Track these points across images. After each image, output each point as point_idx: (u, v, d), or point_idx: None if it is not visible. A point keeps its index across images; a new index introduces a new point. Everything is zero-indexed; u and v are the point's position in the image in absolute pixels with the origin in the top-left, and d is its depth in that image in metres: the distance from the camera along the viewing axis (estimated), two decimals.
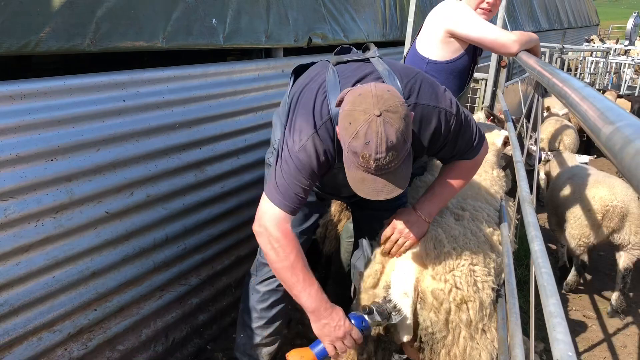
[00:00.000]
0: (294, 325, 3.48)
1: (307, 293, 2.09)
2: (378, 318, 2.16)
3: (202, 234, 3.20)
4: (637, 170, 0.67)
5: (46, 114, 2.27)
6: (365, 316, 2.15)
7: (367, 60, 2.23)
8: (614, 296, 4.62)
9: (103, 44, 2.44)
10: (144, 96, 2.71)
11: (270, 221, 2.09)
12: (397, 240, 2.32)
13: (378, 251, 2.41)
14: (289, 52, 3.89)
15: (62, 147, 2.33)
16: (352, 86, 2.08)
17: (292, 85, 2.44)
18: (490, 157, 3.44)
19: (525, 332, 2.10)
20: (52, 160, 2.30)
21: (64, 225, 2.38)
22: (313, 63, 2.44)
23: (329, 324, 2.09)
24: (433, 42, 3.12)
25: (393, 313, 2.21)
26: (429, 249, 2.29)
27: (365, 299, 2.40)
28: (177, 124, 2.91)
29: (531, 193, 2.30)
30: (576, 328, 4.41)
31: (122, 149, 2.62)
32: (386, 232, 2.35)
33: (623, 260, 4.56)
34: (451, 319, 2.25)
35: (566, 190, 4.82)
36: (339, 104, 1.98)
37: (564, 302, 4.80)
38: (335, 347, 2.11)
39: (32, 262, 2.27)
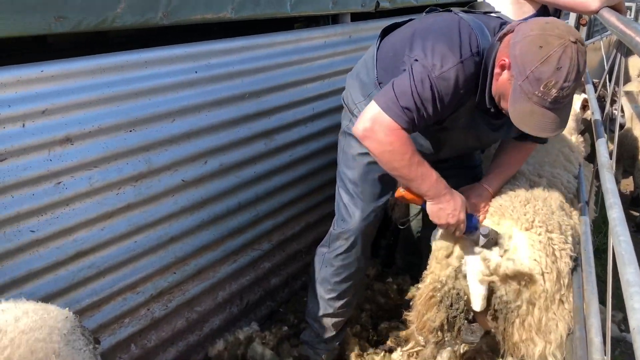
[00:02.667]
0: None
1: (427, 184, 2.12)
2: (483, 240, 2.16)
3: (273, 201, 3.28)
4: None
5: (124, 86, 2.36)
6: (483, 228, 2.16)
7: (488, 12, 2.22)
8: None
9: (175, 17, 2.50)
10: (214, 67, 2.77)
11: (382, 129, 2.01)
12: None
13: None
14: (357, 17, 3.85)
15: (139, 119, 2.44)
16: (500, 27, 2.05)
17: (382, 41, 2.41)
18: (569, 123, 3.30)
19: (603, 301, 2.04)
20: (130, 131, 2.41)
21: (144, 193, 2.51)
22: (410, 20, 2.40)
23: (444, 209, 2.15)
24: (503, 3, 3.02)
25: (494, 249, 2.18)
26: (497, 216, 2.26)
27: (437, 267, 2.40)
28: (246, 94, 2.96)
29: (610, 158, 2.20)
30: None
31: (196, 120, 2.70)
32: None
33: None
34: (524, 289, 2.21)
35: (636, 130, 5.15)
36: (502, 37, 1.96)
37: None
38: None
39: (115, 227, 2.41)
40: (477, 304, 2.27)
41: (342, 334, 3.00)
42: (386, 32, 2.47)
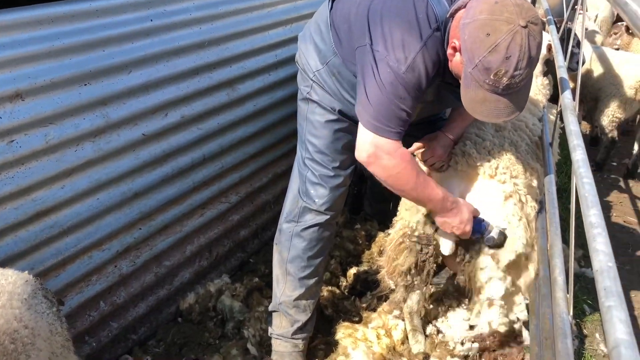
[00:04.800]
0: None
1: (432, 204, 2.09)
2: (491, 242, 2.20)
3: (239, 153, 3.23)
4: None
5: (75, 37, 2.25)
6: (490, 234, 2.18)
7: None
8: (632, 161, 5.31)
9: None
10: (170, 15, 2.65)
11: (383, 151, 1.95)
12: (434, 164, 2.32)
13: None
14: None
15: (94, 71, 2.33)
16: None
17: (334, 3, 2.27)
18: None
19: (564, 240, 2.09)
20: (85, 84, 2.31)
21: (103, 149, 2.43)
22: None
23: (450, 223, 2.13)
24: None
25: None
26: (462, 164, 2.27)
27: (407, 213, 2.42)
28: (206, 42, 2.86)
29: (574, 100, 2.21)
30: (615, 234, 4.38)
31: (154, 70, 2.60)
32: (424, 155, 2.35)
33: None
34: None
35: (597, 71, 5.13)
36: (454, 13, 1.84)
37: (606, 209, 4.75)
38: None
39: (76, 185, 2.34)
40: (447, 249, 2.30)
41: (315, 316, 2.75)
42: None
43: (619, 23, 6.14)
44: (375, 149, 1.95)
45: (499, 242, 2.19)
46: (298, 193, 2.54)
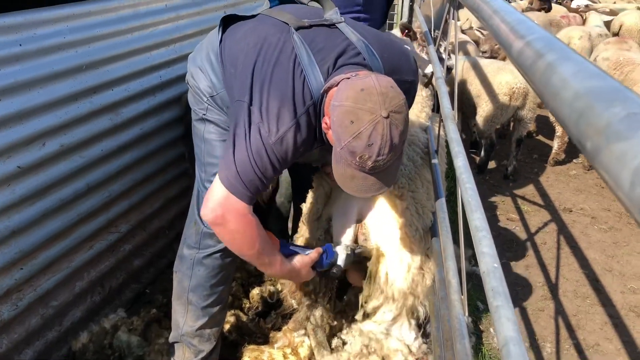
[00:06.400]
0: None
1: (272, 271, 2.17)
2: (337, 275, 2.33)
3: (126, 179, 3.08)
4: (547, 86, 0.66)
5: None
6: (333, 270, 2.31)
7: (332, 24, 2.06)
8: (509, 162, 5.74)
9: None
10: (42, 38, 2.49)
11: (232, 214, 1.94)
12: None
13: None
14: None
15: None
16: (335, 65, 1.94)
17: (224, 35, 2.20)
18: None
19: (455, 241, 2.19)
20: None
21: None
22: (253, 16, 2.22)
23: (293, 280, 2.33)
24: None
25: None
26: None
27: (307, 230, 2.42)
28: (83, 65, 2.71)
29: (452, 109, 2.33)
30: (501, 232, 4.67)
31: (27, 98, 2.42)
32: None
33: (518, 131, 5.65)
34: None
35: (473, 80, 5.51)
36: (327, 90, 1.87)
37: (490, 209, 5.05)
38: None
39: None
40: (342, 264, 2.33)
41: (220, 343, 2.64)
42: (227, 21, 2.25)
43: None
44: (223, 210, 1.94)
45: (347, 265, 2.31)
46: (199, 217, 2.38)
